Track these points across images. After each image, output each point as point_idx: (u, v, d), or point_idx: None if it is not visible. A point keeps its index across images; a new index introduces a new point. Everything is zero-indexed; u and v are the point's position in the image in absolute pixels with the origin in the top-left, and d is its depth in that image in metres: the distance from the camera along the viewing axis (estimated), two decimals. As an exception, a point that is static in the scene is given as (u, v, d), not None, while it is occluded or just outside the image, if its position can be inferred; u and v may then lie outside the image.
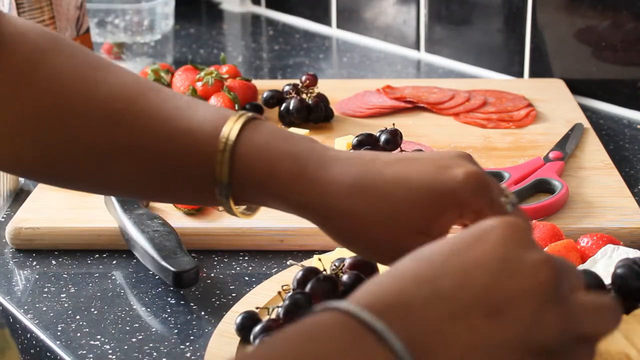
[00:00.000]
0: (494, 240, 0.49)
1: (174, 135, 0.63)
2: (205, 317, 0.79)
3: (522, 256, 0.48)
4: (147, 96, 0.64)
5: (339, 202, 0.60)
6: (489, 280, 0.47)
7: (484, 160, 1.04)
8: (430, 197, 0.59)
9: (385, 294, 0.47)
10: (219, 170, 0.62)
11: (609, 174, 1.00)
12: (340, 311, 0.46)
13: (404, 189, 0.59)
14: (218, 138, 0.62)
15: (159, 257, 0.82)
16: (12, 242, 0.91)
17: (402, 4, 1.48)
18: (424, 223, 0.59)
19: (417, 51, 1.47)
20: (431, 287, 0.47)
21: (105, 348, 0.75)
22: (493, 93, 1.22)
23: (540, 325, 0.47)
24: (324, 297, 0.70)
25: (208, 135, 0.62)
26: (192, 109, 0.64)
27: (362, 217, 0.59)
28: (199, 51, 1.55)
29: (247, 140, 0.62)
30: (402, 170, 0.60)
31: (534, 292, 0.47)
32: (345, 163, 0.61)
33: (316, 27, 1.62)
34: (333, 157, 0.61)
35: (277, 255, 0.88)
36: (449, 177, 0.59)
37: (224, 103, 1.13)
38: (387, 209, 0.59)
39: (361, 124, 1.15)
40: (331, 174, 0.60)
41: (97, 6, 1.39)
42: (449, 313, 0.46)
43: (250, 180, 0.62)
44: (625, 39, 1.21)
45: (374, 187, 0.60)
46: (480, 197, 0.59)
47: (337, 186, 0.60)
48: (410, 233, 0.59)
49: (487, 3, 1.36)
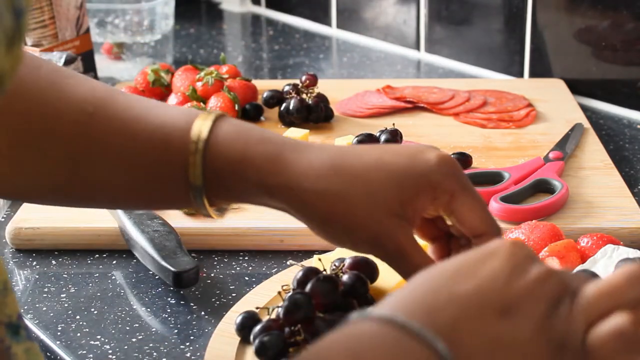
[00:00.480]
0: (502, 255, 0.51)
1: (146, 132, 0.63)
2: (205, 317, 0.79)
3: (528, 267, 0.51)
4: (116, 99, 0.65)
5: (315, 182, 0.61)
6: (500, 286, 0.50)
7: (484, 160, 1.04)
8: (405, 178, 0.61)
9: (407, 302, 0.49)
10: (192, 161, 0.62)
11: (609, 174, 1.00)
12: (375, 319, 0.48)
13: (379, 171, 0.61)
14: (190, 133, 0.62)
15: (159, 257, 0.82)
16: (12, 242, 0.91)
17: (402, 4, 1.48)
18: (399, 204, 0.61)
19: (417, 51, 1.47)
20: (447, 293, 0.49)
21: (105, 348, 0.75)
22: (493, 93, 1.22)
23: (551, 325, 0.49)
24: (324, 297, 0.70)
25: (180, 129, 0.63)
26: (161, 107, 0.65)
27: (337, 196, 0.61)
28: (199, 51, 1.55)
29: (219, 131, 0.62)
30: (377, 155, 0.62)
31: (542, 297, 0.50)
32: (321, 149, 0.63)
33: (316, 27, 1.62)
34: (308, 144, 0.63)
35: (277, 255, 0.88)
36: (422, 160, 0.62)
37: (224, 103, 1.13)
38: (362, 188, 0.61)
39: (361, 124, 1.15)
40: (307, 157, 0.62)
41: (97, 6, 1.39)
42: (466, 312, 0.48)
43: (225, 167, 0.62)
44: (625, 39, 1.21)
45: (351, 168, 0.61)
46: (452, 179, 0.62)
47: (313, 168, 0.61)
48: (385, 214, 0.61)
49: (487, 3, 1.36)
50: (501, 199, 0.91)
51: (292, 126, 1.11)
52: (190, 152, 0.62)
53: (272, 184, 0.61)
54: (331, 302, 0.70)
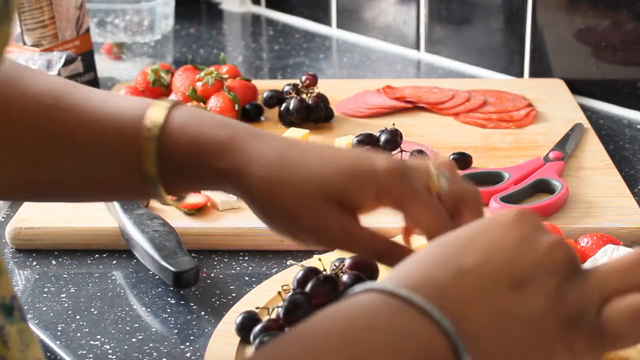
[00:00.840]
0: (509, 223, 0.51)
1: (101, 121, 0.64)
2: (205, 317, 0.79)
3: (537, 237, 0.50)
4: (72, 91, 0.65)
5: (262, 168, 0.61)
6: (511, 256, 0.49)
7: (484, 160, 1.04)
8: (348, 169, 0.61)
9: (414, 275, 0.49)
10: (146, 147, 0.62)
11: (609, 174, 1.00)
12: (379, 291, 0.48)
13: (325, 162, 0.62)
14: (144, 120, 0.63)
15: (159, 257, 0.82)
16: (12, 242, 0.91)
17: (402, 4, 1.48)
18: (340, 195, 0.61)
19: (417, 51, 1.47)
20: (456, 266, 0.49)
21: (105, 348, 0.75)
22: (493, 93, 1.22)
23: (564, 298, 0.49)
24: (324, 297, 0.70)
25: (135, 117, 0.63)
26: (117, 97, 0.66)
27: (281, 183, 0.61)
28: (199, 51, 1.55)
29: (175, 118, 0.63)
30: (325, 151, 0.63)
31: (554, 268, 0.49)
32: (274, 138, 0.63)
33: (316, 27, 1.62)
34: (262, 132, 0.64)
35: (277, 255, 0.88)
36: (370, 160, 0.62)
37: (224, 103, 1.13)
38: (306, 176, 0.61)
39: (361, 124, 1.15)
40: (258, 145, 0.62)
41: (97, 6, 1.39)
42: (474, 285, 0.48)
43: (179, 152, 0.62)
44: (625, 39, 1.21)
45: (296, 158, 0.62)
46: (400, 183, 0.61)
47: (262, 155, 0.62)
48: (326, 201, 0.61)
49: (487, 3, 1.36)
50: (501, 199, 0.91)
51: (292, 126, 1.11)
52: (144, 139, 0.62)
53: (223, 167, 0.62)
54: (331, 302, 0.70)
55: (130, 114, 0.64)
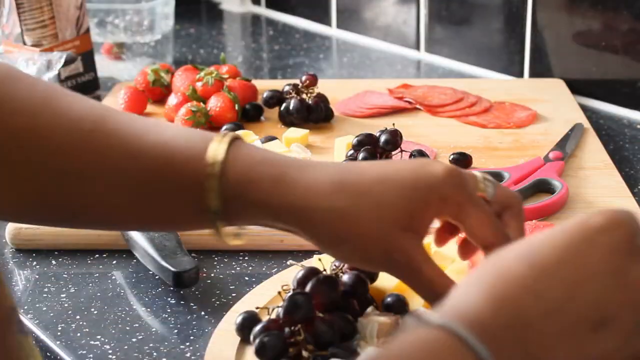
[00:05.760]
0: (605, 246, 0.48)
1: (146, 149, 0.61)
2: (205, 317, 0.79)
3: (630, 268, 0.48)
4: (115, 117, 0.63)
5: (321, 200, 0.59)
6: (599, 295, 0.47)
7: (484, 160, 1.04)
8: (412, 191, 0.59)
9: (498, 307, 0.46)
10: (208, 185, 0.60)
11: (609, 174, 1.00)
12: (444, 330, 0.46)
13: (385, 185, 0.59)
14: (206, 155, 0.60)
15: (159, 257, 0.82)
16: (12, 242, 0.91)
17: (402, 4, 1.48)
18: (408, 218, 0.59)
19: (417, 51, 1.47)
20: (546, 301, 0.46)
21: (105, 348, 0.75)
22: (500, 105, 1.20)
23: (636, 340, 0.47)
24: (324, 297, 0.70)
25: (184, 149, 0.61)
26: (161, 126, 0.63)
27: (343, 213, 0.59)
28: (199, 51, 1.55)
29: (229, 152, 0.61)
30: (381, 170, 0.61)
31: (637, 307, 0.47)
32: (324, 166, 0.61)
33: (316, 27, 1.62)
34: (310, 162, 0.62)
35: (277, 255, 0.88)
36: (429, 173, 0.60)
37: (224, 103, 1.13)
38: (369, 203, 0.59)
39: (361, 124, 1.15)
40: (312, 175, 0.60)
41: (97, 6, 1.39)
42: (560, 329, 0.46)
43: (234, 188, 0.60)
44: (625, 39, 1.21)
45: (355, 184, 0.60)
46: (461, 191, 0.60)
47: (319, 186, 0.59)
48: (394, 228, 0.59)
49: (487, 3, 1.36)
50: (501, 199, 0.91)
51: (292, 126, 1.11)
52: (205, 176, 0.60)
53: (278, 204, 0.60)
54: (331, 302, 0.70)
55: (178, 146, 0.61)
